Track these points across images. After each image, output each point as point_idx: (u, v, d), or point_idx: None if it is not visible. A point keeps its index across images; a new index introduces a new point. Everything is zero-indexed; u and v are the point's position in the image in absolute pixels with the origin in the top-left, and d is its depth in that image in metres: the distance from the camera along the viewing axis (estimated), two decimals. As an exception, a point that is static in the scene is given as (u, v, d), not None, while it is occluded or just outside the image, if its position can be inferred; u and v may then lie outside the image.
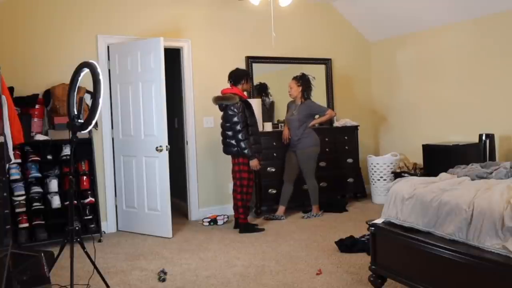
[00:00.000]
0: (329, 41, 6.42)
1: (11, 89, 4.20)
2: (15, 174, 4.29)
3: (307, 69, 5.88)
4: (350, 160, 6.06)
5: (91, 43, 4.93)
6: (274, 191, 5.50)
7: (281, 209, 5.33)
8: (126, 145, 4.99)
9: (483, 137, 4.89)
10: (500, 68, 5.03)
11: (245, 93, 4.97)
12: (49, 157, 4.53)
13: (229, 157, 4.94)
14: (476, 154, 4.83)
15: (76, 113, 2.99)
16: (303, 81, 5.32)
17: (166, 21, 5.29)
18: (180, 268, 3.75)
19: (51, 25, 4.76)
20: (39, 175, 4.45)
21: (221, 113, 4.86)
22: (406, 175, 5.17)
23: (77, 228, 3.05)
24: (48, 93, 4.62)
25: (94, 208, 4.71)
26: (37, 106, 4.54)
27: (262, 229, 4.82)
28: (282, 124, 5.69)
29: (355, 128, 6.16)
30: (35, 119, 4.53)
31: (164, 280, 3.46)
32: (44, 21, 4.73)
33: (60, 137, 4.55)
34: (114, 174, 5.07)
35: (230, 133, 4.76)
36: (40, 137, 4.50)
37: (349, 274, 3.43)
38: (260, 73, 5.95)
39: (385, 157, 6.01)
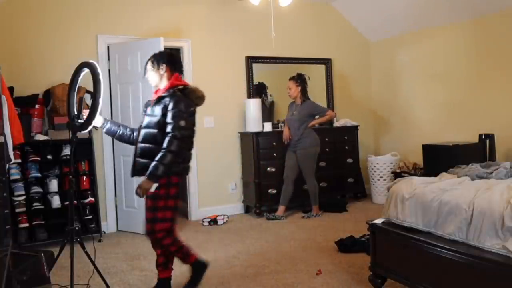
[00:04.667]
0: (329, 41, 6.41)
1: (11, 89, 4.19)
2: (15, 174, 4.29)
3: (307, 69, 5.88)
4: (350, 160, 6.06)
5: (91, 43, 4.93)
6: (274, 191, 5.50)
7: (281, 209, 5.33)
8: (126, 145, 4.96)
9: (483, 137, 4.89)
10: (500, 68, 5.03)
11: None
12: (49, 157, 4.54)
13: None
14: (476, 154, 4.82)
15: (76, 113, 2.99)
16: (301, 81, 5.32)
17: (166, 21, 5.29)
18: (180, 268, 3.75)
19: (51, 25, 4.76)
20: (39, 175, 4.45)
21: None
22: (406, 175, 5.17)
23: (77, 228, 3.04)
24: (48, 93, 4.62)
25: (94, 208, 4.71)
26: (37, 106, 4.54)
27: None
28: (282, 124, 5.69)
29: (355, 128, 6.16)
30: (35, 119, 4.53)
31: (164, 280, 3.46)
32: (45, 21, 4.73)
33: (60, 137, 4.55)
34: (114, 174, 5.07)
35: None
36: (40, 137, 4.50)
37: (349, 274, 3.43)
38: (260, 73, 5.94)
39: (385, 157, 6.01)
